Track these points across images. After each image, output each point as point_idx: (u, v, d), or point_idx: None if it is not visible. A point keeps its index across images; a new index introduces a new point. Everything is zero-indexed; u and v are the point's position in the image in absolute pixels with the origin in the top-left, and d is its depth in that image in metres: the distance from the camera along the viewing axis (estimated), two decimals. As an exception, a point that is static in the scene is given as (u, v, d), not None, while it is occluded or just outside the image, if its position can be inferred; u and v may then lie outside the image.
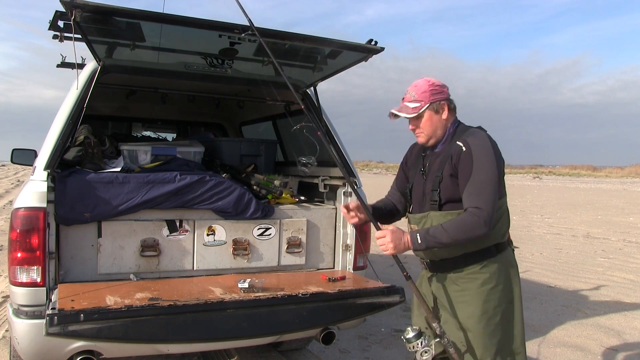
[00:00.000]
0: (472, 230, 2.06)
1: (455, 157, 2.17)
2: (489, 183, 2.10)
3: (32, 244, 2.50)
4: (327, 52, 3.01)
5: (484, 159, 2.12)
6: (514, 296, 2.28)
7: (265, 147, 4.07)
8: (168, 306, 2.37)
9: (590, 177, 45.46)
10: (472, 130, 2.26)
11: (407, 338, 2.15)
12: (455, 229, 2.08)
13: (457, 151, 2.17)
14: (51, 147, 2.68)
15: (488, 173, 2.11)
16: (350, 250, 3.34)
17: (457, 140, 2.21)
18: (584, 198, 22.20)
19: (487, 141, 2.17)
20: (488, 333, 2.20)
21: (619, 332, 4.71)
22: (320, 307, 2.72)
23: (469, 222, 2.07)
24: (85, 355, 2.42)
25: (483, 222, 2.05)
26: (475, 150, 2.14)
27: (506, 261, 2.28)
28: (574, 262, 8.08)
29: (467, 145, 2.16)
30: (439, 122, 2.25)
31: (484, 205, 2.06)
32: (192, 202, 2.95)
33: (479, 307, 2.21)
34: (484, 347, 2.20)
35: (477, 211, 2.06)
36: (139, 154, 3.37)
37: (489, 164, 2.12)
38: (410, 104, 2.24)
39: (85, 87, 2.90)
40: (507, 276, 2.27)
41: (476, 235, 2.08)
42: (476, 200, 2.08)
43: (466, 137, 2.20)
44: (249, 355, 3.82)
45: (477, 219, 2.05)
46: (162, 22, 2.53)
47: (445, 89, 2.27)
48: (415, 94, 2.23)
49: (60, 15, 2.64)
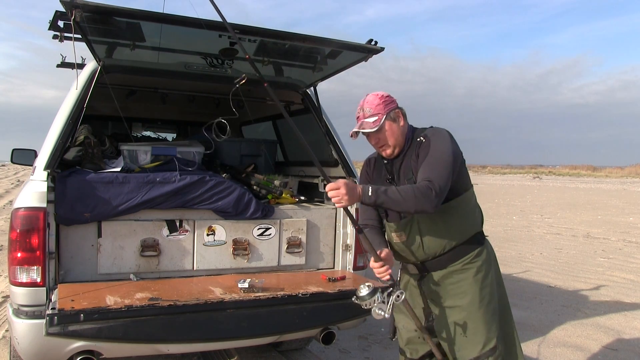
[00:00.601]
0: (423, 198, 2.06)
1: (418, 150, 2.25)
2: (442, 161, 2.16)
3: (32, 244, 2.50)
4: (327, 52, 3.01)
5: (439, 142, 2.22)
6: (500, 281, 2.42)
7: (265, 147, 4.07)
8: (168, 306, 2.37)
9: (590, 177, 45.47)
10: (428, 128, 2.34)
11: (360, 296, 2.11)
12: (407, 192, 2.07)
13: (419, 145, 2.26)
14: (51, 147, 2.68)
15: (443, 153, 2.18)
16: (350, 250, 3.34)
17: (416, 139, 2.30)
18: (584, 198, 22.21)
19: (444, 132, 2.28)
20: (488, 317, 2.28)
21: (619, 332, 4.71)
22: (320, 307, 2.72)
23: (421, 190, 2.08)
24: (85, 355, 2.41)
25: (434, 195, 2.06)
26: (433, 137, 2.25)
27: (490, 248, 2.41)
28: (574, 262, 8.08)
29: (425, 137, 2.26)
30: (398, 129, 2.31)
31: (435, 179, 2.10)
32: (192, 202, 2.95)
33: (477, 295, 2.28)
34: (487, 330, 2.27)
35: (429, 183, 2.09)
36: (139, 154, 3.37)
37: (444, 146, 2.20)
38: (369, 119, 2.28)
39: (85, 87, 2.90)
40: (494, 262, 2.40)
41: (425, 205, 2.07)
42: (429, 174, 2.12)
43: (423, 134, 2.30)
44: (249, 355, 3.82)
45: (429, 190, 2.07)
46: (162, 22, 2.53)
47: (394, 99, 2.34)
48: (371, 109, 2.28)
49: (60, 15, 2.64)
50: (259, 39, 2.82)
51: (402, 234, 2.35)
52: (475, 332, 2.26)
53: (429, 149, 2.21)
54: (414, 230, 2.32)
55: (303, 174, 4.03)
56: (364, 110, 2.31)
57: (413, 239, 2.33)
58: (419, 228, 2.30)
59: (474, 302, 2.27)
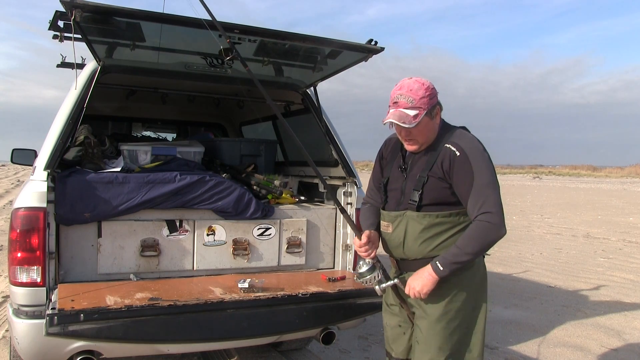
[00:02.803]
0: (490, 236, 2.04)
1: (447, 162, 2.10)
2: (492, 184, 2.08)
3: (32, 244, 2.50)
4: (327, 52, 3.01)
5: (482, 162, 2.09)
6: (478, 304, 2.22)
7: (265, 147, 4.07)
8: (168, 306, 2.37)
9: (590, 177, 45.44)
10: (458, 131, 2.20)
11: (360, 273, 2.14)
12: (472, 244, 2.05)
13: (450, 155, 2.10)
14: (51, 147, 2.68)
15: (489, 175, 2.08)
16: (350, 250, 3.34)
17: (445, 143, 2.14)
18: (584, 198, 22.20)
19: (479, 144, 2.15)
20: (445, 335, 2.15)
21: (619, 332, 4.71)
22: (320, 307, 2.72)
23: (483, 231, 2.04)
24: (85, 355, 2.42)
25: (499, 224, 2.04)
26: (472, 154, 2.09)
27: (476, 269, 2.22)
28: (574, 262, 8.07)
29: (460, 150, 2.09)
30: (432, 127, 2.16)
31: (494, 208, 2.04)
32: (192, 202, 2.95)
33: (441, 307, 2.16)
34: (438, 349, 2.16)
35: (490, 216, 2.03)
36: (139, 154, 3.37)
37: (487, 166, 2.10)
38: (409, 112, 2.07)
39: (85, 87, 2.90)
40: (476, 283, 2.22)
41: (496, 239, 2.06)
42: (486, 205, 2.05)
43: (455, 140, 2.14)
44: (249, 355, 3.82)
45: (491, 225, 2.03)
46: (162, 22, 2.53)
47: (436, 92, 2.17)
48: (414, 100, 2.07)
49: (60, 15, 2.64)
50: (259, 39, 2.82)
51: (389, 225, 2.27)
52: (427, 344, 2.17)
53: (472, 172, 2.06)
54: (400, 227, 2.22)
55: (303, 174, 4.03)
56: (405, 98, 2.07)
57: (397, 235, 2.23)
58: (406, 227, 2.20)
59: (434, 314, 2.16)
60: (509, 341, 4.38)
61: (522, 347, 4.28)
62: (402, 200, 2.23)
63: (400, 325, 2.37)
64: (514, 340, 4.42)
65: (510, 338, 4.46)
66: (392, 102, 2.12)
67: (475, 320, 2.22)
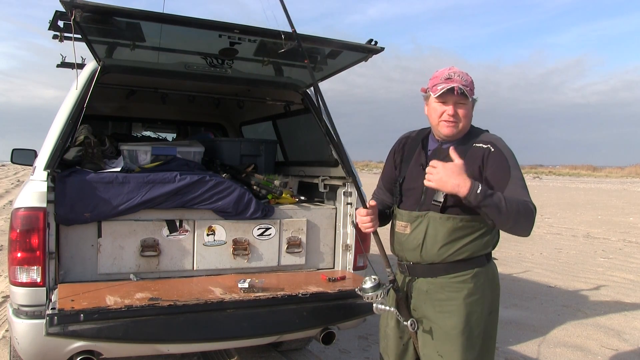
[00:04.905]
0: (527, 212, 1.99)
1: (480, 160, 2.07)
2: (524, 181, 2.10)
3: (32, 244, 2.50)
4: (327, 52, 3.01)
5: (513, 160, 2.10)
6: (493, 309, 2.20)
7: (265, 147, 4.07)
8: (168, 306, 2.37)
9: (591, 177, 45.44)
10: (486, 133, 2.20)
11: (363, 288, 2.06)
12: (512, 204, 1.95)
13: (483, 152, 2.09)
14: (51, 147, 2.68)
15: (520, 173, 2.10)
16: (350, 250, 3.34)
17: (475, 143, 2.12)
18: (584, 198, 22.20)
19: (509, 149, 2.15)
20: (468, 346, 2.10)
21: (619, 332, 4.71)
22: (320, 307, 2.72)
23: (527, 209, 1.99)
24: (85, 355, 2.42)
25: (534, 211, 2.02)
26: (505, 150, 2.10)
27: (492, 272, 2.21)
28: (574, 262, 8.07)
29: (494, 146, 2.09)
30: (471, 117, 2.15)
31: (529, 199, 2.04)
32: (192, 202, 2.95)
33: (462, 319, 2.09)
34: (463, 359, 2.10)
35: (528, 202, 2.01)
36: (139, 154, 3.37)
37: (517, 164, 2.11)
38: (466, 87, 2.06)
39: (85, 87, 2.90)
40: (491, 287, 2.19)
41: (530, 219, 2.01)
42: (523, 195, 2.03)
43: (484, 139, 2.14)
44: (249, 355, 3.82)
45: (532, 207, 2.01)
46: (162, 22, 2.53)
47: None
48: (467, 81, 2.08)
49: (60, 15, 2.64)
50: (259, 39, 2.82)
51: (407, 226, 2.18)
52: (452, 358, 2.10)
53: (508, 166, 2.06)
54: (419, 228, 2.13)
55: (303, 174, 4.03)
56: (459, 76, 2.07)
57: (416, 236, 2.15)
58: (427, 228, 2.12)
59: (458, 327, 2.09)
60: (509, 341, 4.38)
61: (522, 347, 4.28)
62: (423, 200, 2.15)
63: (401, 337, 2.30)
64: (514, 340, 4.43)
65: (510, 338, 4.46)
66: (444, 78, 2.08)
67: (491, 325, 2.19)
